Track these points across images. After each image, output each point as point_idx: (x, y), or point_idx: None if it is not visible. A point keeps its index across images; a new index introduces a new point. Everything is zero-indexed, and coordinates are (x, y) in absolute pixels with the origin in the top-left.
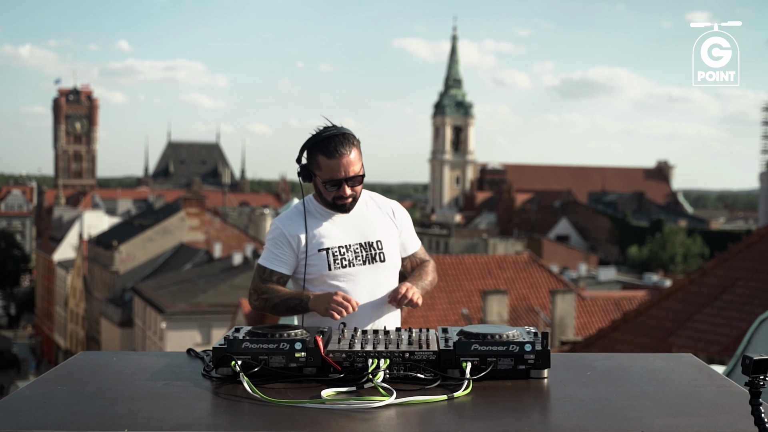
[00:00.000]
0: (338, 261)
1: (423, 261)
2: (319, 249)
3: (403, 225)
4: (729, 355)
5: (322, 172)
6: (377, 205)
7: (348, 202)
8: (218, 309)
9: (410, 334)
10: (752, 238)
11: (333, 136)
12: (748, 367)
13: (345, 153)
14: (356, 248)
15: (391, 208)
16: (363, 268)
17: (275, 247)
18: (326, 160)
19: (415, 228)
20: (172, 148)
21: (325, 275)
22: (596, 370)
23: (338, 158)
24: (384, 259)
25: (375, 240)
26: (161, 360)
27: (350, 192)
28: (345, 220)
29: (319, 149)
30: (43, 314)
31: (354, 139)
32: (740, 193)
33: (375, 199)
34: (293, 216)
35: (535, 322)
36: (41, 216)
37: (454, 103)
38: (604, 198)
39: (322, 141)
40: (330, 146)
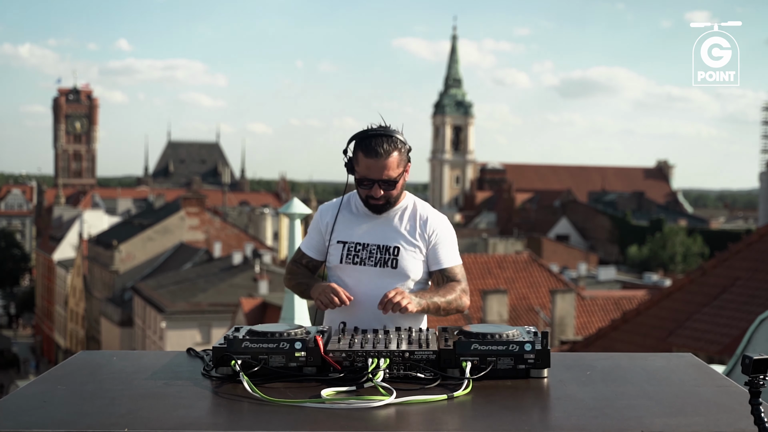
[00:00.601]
0: (351, 256)
1: (453, 280)
2: (338, 240)
3: (435, 237)
4: (729, 354)
5: (359, 168)
6: (414, 214)
7: (380, 203)
8: (218, 308)
9: (410, 333)
10: (752, 237)
11: (378, 135)
12: (748, 366)
13: (383, 154)
14: (372, 249)
15: (426, 217)
16: (373, 269)
17: (312, 231)
18: (364, 157)
19: None
20: (172, 147)
21: (337, 267)
22: (596, 369)
23: (375, 158)
24: (395, 266)
25: (393, 246)
26: (161, 359)
27: (382, 194)
28: (373, 221)
29: (361, 146)
30: (43, 314)
31: (399, 143)
32: (740, 193)
33: (418, 206)
34: (332, 205)
35: (534, 322)
36: (41, 215)
37: (454, 102)
38: (604, 197)
39: (366, 138)
40: (371, 145)
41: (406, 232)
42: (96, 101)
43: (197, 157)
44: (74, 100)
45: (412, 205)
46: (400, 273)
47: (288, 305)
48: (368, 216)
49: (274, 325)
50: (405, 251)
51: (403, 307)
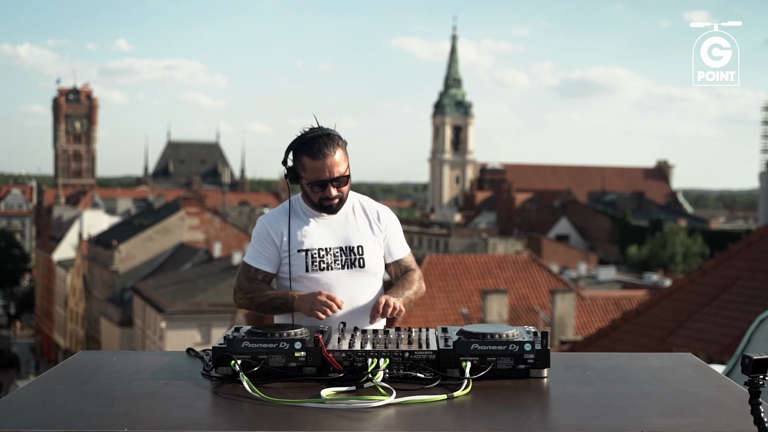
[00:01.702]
0: (316, 263)
1: (409, 269)
2: (299, 249)
3: (388, 230)
4: (729, 354)
5: (307, 174)
6: (364, 210)
7: (334, 203)
8: (218, 308)
9: (410, 333)
10: (752, 237)
11: (317, 137)
12: (748, 366)
13: (329, 154)
14: (336, 252)
15: (377, 212)
16: (341, 272)
17: (260, 245)
18: (310, 161)
19: (415, 228)
20: (172, 147)
21: (303, 276)
22: (596, 369)
23: (322, 159)
24: (363, 264)
25: (356, 245)
26: (161, 359)
27: (336, 193)
28: (328, 223)
29: (304, 151)
30: (43, 314)
31: (339, 140)
32: (740, 193)
33: (363, 202)
34: (279, 214)
35: (534, 322)
36: (41, 215)
37: (454, 102)
38: (603, 198)
39: (306, 142)
40: (314, 147)
41: (365, 228)
42: (96, 101)
43: (197, 157)
44: (74, 100)
45: (358, 201)
46: (368, 271)
47: None
48: (320, 219)
49: (274, 325)
50: (368, 248)
51: (398, 310)
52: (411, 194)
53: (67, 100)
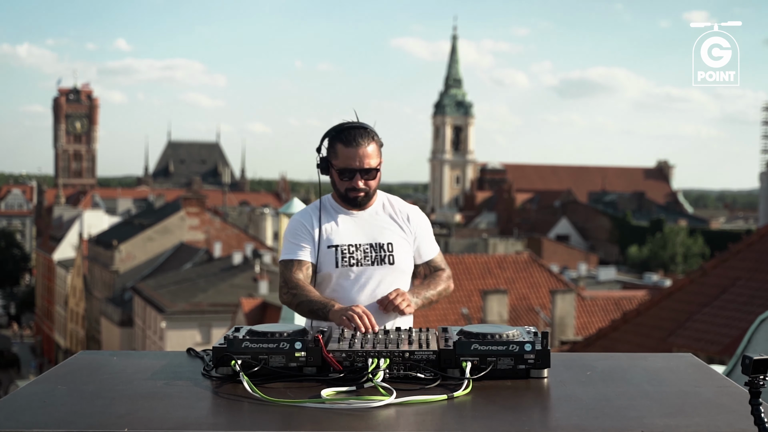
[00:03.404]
0: (346, 259)
1: (438, 269)
2: (329, 245)
3: (418, 231)
4: (729, 355)
5: (339, 161)
6: (393, 209)
7: (360, 195)
8: (218, 308)
9: (410, 333)
10: (752, 238)
11: (355, 127)
12: (748, 366)
13: (363, 144)
14: (366, 248)
15: (407, 212)
16: (371, 268)
17: (296, 238)
18: (344, 148)
19: None
20: (172, 147)
21: (333, 272)
22: (596, 369)
23: (355, 147)
24: (393, 261)
25: (386, 242)
26: (161, 359)
27: (363, 185)
28: (358, 220)
29: (339, 138)
30: (43, 314)
31: (375, 135)
32: (740, 193)
33: (392, 202)
34: (310, 211)
35: (535, 322)
36: (41, 215)
37: (454, 102)
38: (604, 198)
39: (343, 131)
40: (350, 136)
41: (394, 226)
42: (96, 101)
43: (197, 157)
44: (74, 100)
45: (387, 200)
46: (398, 268)
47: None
48: (349, 216)
49: (274, 325)
50: (398, 245)
51: (401, 310)
52: (411, 194)
53: (67, 100)
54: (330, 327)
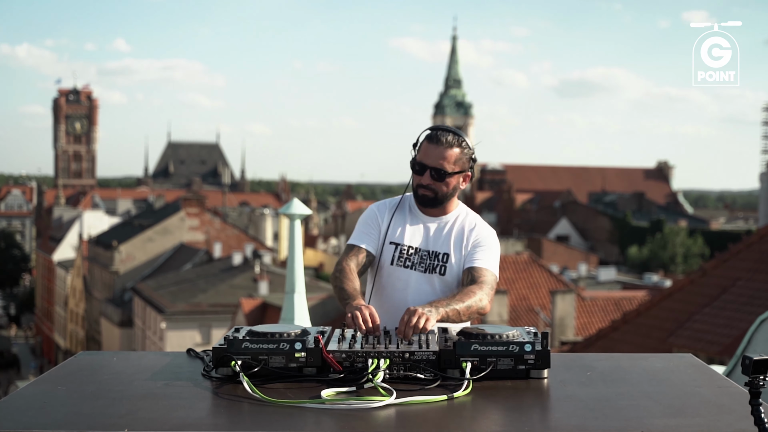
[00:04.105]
0: (401, 259)
1: (476, 281)
2: (391, 241)
3: (476, 240)
4: (729, 355)
5: (419, 156)
6: (464, 222)
7: (427, 194)
8: (218, 309)
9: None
10: (752, 238)
11: (446, 129)
12: (748, 367)
13: (444, 144)
14: (423, 254)
15: (475, 225)
16: (421, 275)
17: (365, 226)
18: (427, 144)
19: None
20: (172, 148)
21: (386, 268)
22: (596, 370)
23: (435, 144)
24: (444, 272)
25: (443, 252)
26: (161, 360)
27: (430, 182)
28: (427, 226)
29: (427, 136)
30: (43, 314)
31: (464, 143)
32: (740, 193)
33: (469, 217)
34: (388, 205)
35: (535, 322)
36: (41, 216)
37: (454, 103)
38: (604, 198)
39: (436, 129)
40: (437, 134)
41: (456, 240)
42: (96, 102)
43: (197, 158)
44: (74, 101)
45: (464, 215)
46: (447, 280)
47: (288, 306)
48: (422, 220)
49: (274, 325)
50: (454, 259)
51: (422, 329)
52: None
53: (67, 100)
54: (330, 327)
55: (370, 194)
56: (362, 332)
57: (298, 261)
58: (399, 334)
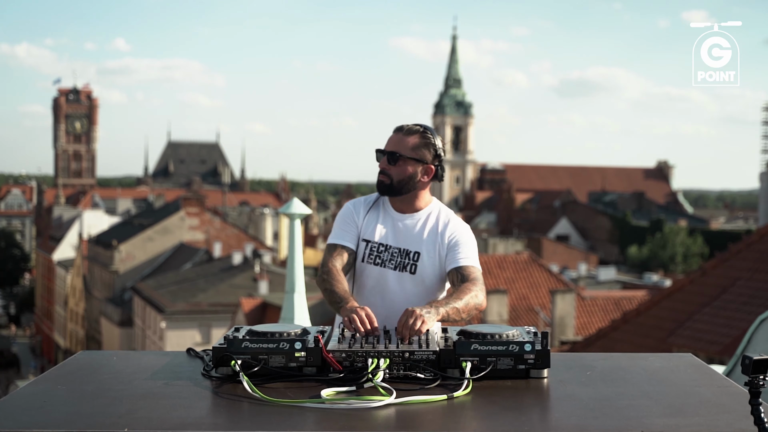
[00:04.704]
0: (372, 256)
1: (468, 279)
2: (363, 238)
3: (453, 238)
4: (729, 355)
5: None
6: (438, 219)
7: (383, 179)
8: (218, 308)
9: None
10: (752, 238)
11: (416, 125)
12: (748, 367)
13: (404, 131)
14: (394, 252)
15: (448, 221)
16: (392, 272)
17: (344, 224)
18: (391, 134)
19: None
20: (172, 147)
21: (358, 266)
22: (596, 369)
23: (396, 133)
24: (414, 271)
25: (414, 251)
26: (161, 359)
27: (385, 167)
28: (399, 223)
29: (394, 129)
30: (43, 314)
31: (425, 133)
32: (740, 193)
33: (442, 213)
34: (364, 202)
35: (534, 322)
36: (41, 215)
37: (454, 102)
38: (604, 198)
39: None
40: (402, 125)
41: (429, 237)
42: (96, 101)
43: (197, 157)
44: (74, 100)
45: (437, 211)
46: (418, 278)
47: (288, 305)
48: (393, 217)
49: (274, 325)
50: (425, 257)
51: (418, 330)
52: None
53: (67, 100)
54: (330, 327)
55: (370, 194)
56: (361, 334)
57: (298, 261)
58: (397, 335)
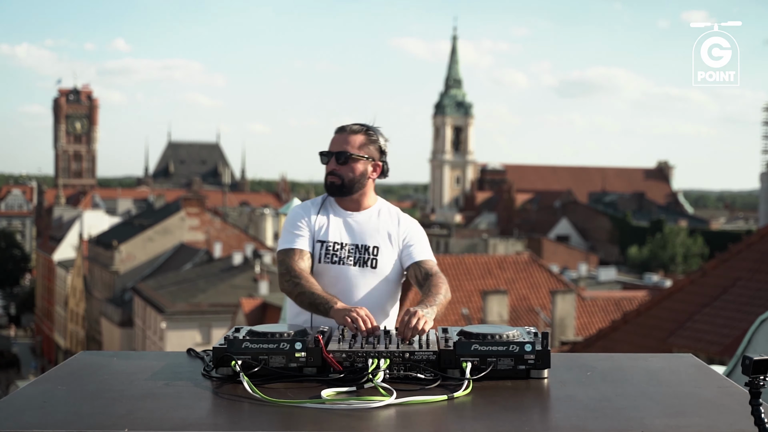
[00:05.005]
0: (329, 256)
1: (431, 274)
2: (317, 240)
3: (408, 234)
4: (729, 355)
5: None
6: (389, 215)
7: (334, 180)
8: (218, 309)
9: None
10: (752, 238)
11: (356, 124)
12: (748, 367)
13: (347, 131)
14: (351, 248)
15: (399, 218)
16: (353, 269)
17: (296, 228)
18: (333, 135)
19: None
20: (172, 147)
21: (315, 267)
22: (596, 370)
23: (338, 133)
24: (375, 265)
25: (371, 245)
26: (161, 360)
27: (335, 168)
28: (351, 222)
29: (336, 129)
30: (43, 314)
31: (369, 132)
32: (740, 193)
33: (390, 210)
34: (310, 204)
35: (535, 323)
36: (41, 216)
37: (455, 103)
38: (604, 198)
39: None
40: (343, 125)
41: (384, 231)
42: (96, 101)
43: (197, 158)
44: (74, 101)
45: (386, 208)
46: (379, 272)
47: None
48: (343, 216)
49: (275, 325)
50: (384, 250)
51: (421, 330)
52: (411, 195)
53: (67, 100)
54: (330, 327)
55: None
56: (364, 335)
57: None
58: (398, 335)
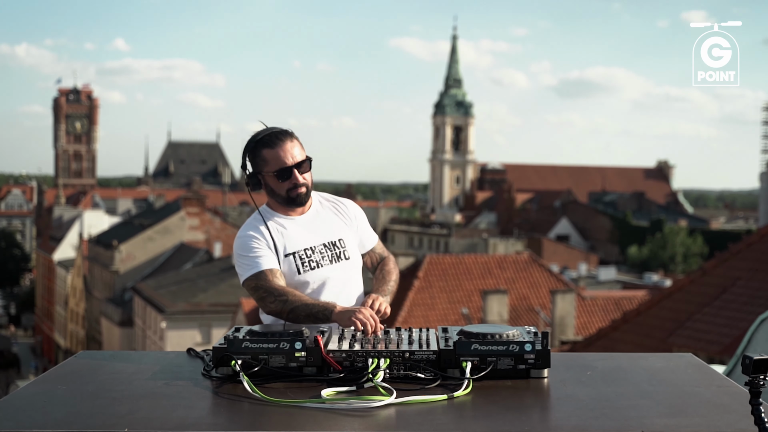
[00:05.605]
0: (306, 264)
1: (383, 257)
2: (285, 254)
3: (358, 221)
4: (729, 355)
5: (270, 165)
6: (331, 204)
7: (302, 191)
8: (218, 308)
9: (410, 333)
10: (752, 238)
11: (270, 131)
12: (748, 366)
13: (286, 140)
14: (321, 249)
15: (344, 205)
16: (331, 267)
17: (254, 251)
18: (270, 150)
19: (416, 228)
20: (172, 147)
21: (296, 280)
22: (596, 369)
23: (281, 145)
24: (348, 257)
25: (337, 238)
26: (161, 360)
27: (302, 180)
28: (304, 223)
29: (261, 145)
30: (43, 314)
31: (293, 135)
32: (740, 193)
33: (327, 198)
34: (255, 224)
35: (535, 322)
36: (41, 215)
37: (455, 102)
38: (604, 198)
39: (262, 138)
40: (271, 138)
41: (338, 221)
42: (96, 101)
43: (197, 158)
44: (74, 101)
45: (320, 197)
46: (353, 261)
47: None
48: (293, 221)
49: (274, 325)
50: (347, 239)
51: (383, 313)
52: (411, 194)
53: (67, 100)
54: (330, 327)
55: (370, 194)
56: (374, 336)
57: None
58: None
